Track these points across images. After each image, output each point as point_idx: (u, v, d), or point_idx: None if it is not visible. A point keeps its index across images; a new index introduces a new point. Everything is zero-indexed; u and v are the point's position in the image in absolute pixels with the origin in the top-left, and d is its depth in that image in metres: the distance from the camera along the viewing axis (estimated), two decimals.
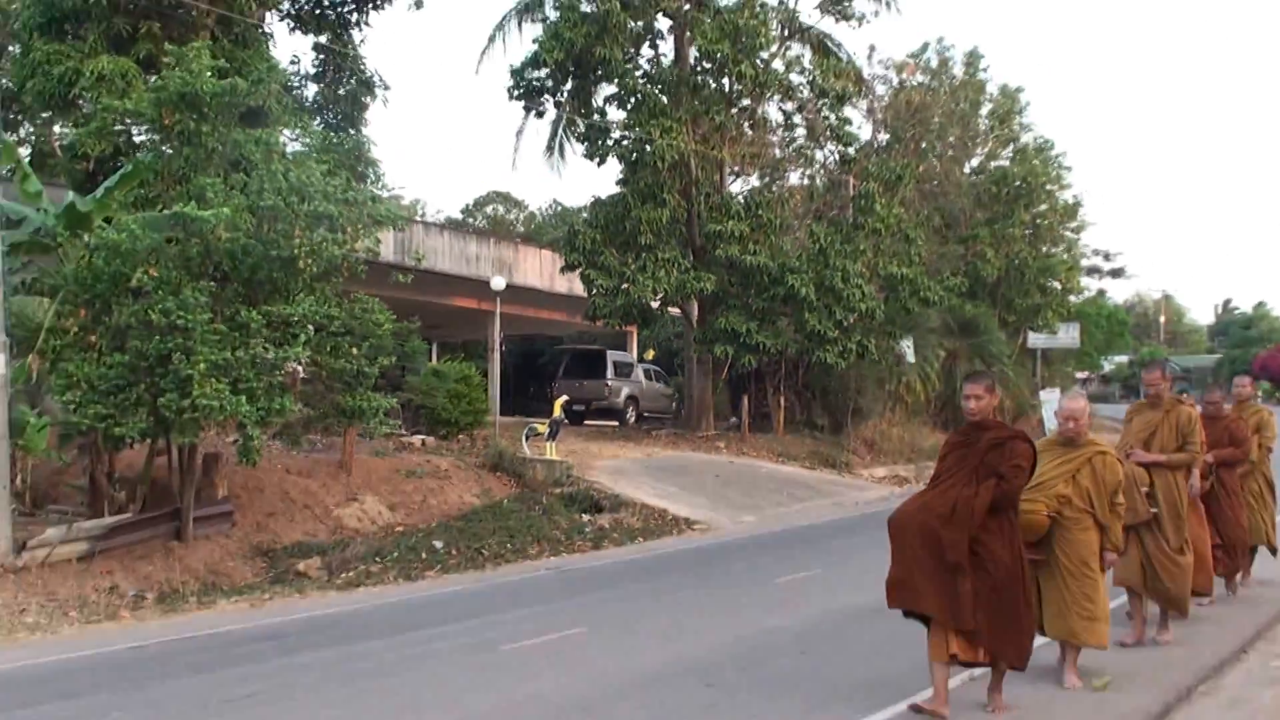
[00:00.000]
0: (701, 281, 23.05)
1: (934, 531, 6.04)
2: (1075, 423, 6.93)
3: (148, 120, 13.67)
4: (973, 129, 36.17)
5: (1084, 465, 6.83)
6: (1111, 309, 51.74)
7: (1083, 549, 6.76)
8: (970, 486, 6.07)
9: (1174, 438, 8.20)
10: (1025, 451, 6.12)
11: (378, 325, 13.77)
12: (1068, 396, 7.19)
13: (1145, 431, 8.33)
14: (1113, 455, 6.94)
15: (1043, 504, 6.73)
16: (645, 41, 24.98)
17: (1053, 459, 6.90)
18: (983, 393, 6.26)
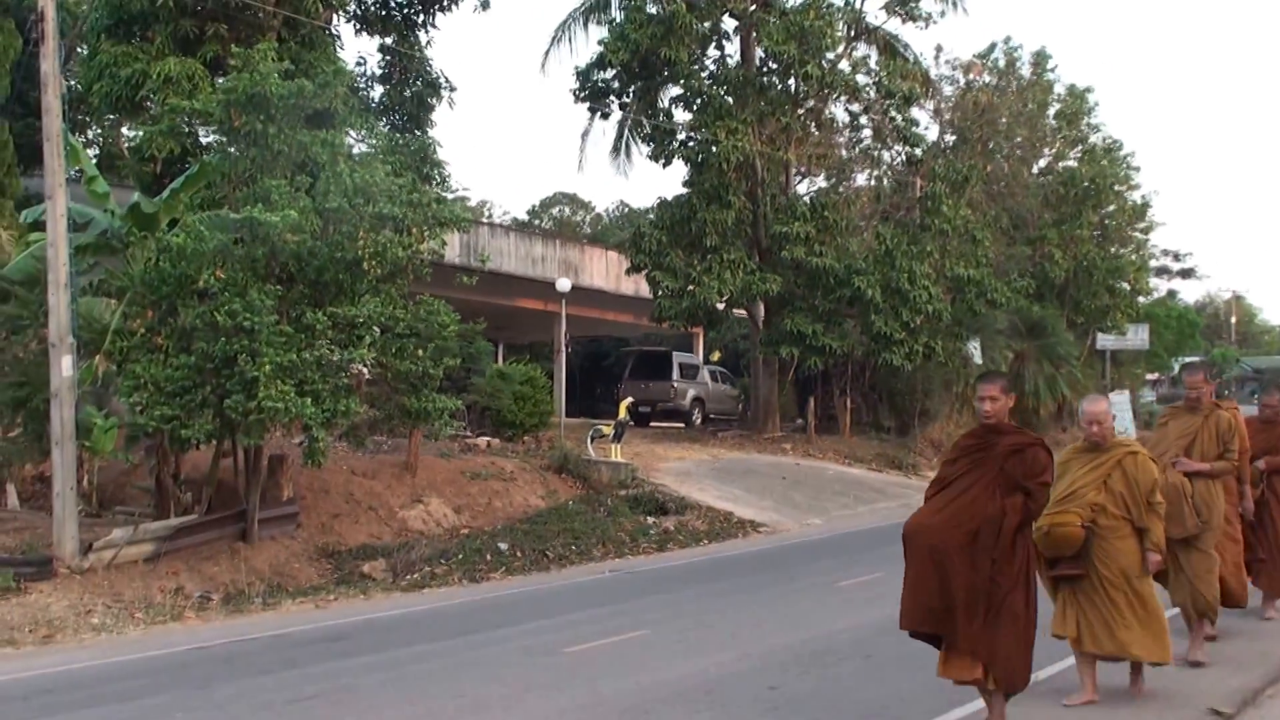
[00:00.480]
0: (767, 283, 22.83)
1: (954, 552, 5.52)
2: (1099, 426, 6.43)
3: (216, 121, 13.74)
4: (1040, 130, 35.47)
5: (1114, 469, 6.33)
6: (1182, 310, 50.47)
7: (1122, 558, 6.26)
8: (993, 499, 5.55)
9: (1214, 444, 7.62)
10: (1049, 464, 5.65)
11: (443, 327, 13.71)
12: (1087, 399, 6.67)
13: (1184, 438, 7.74)
14: (1144, 454, 6.43)
15: (1076, 514, 6.25)
16: (711, 43, 24.81)
17: (1081, 466, 6.45)
18: (998, 394, 5.75)
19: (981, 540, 5.50)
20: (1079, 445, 6.57)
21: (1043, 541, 6.14)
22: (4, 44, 19.39)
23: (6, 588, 10.98)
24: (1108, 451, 6.38)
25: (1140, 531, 6.27)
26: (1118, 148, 36.45)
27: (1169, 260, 47.03)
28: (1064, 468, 6.36)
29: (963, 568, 5.48)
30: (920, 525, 5.69)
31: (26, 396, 13.06)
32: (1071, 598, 6.37)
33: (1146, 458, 6.38)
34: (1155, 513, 6.26)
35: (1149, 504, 6.24)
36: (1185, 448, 7.66)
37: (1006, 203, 33.12)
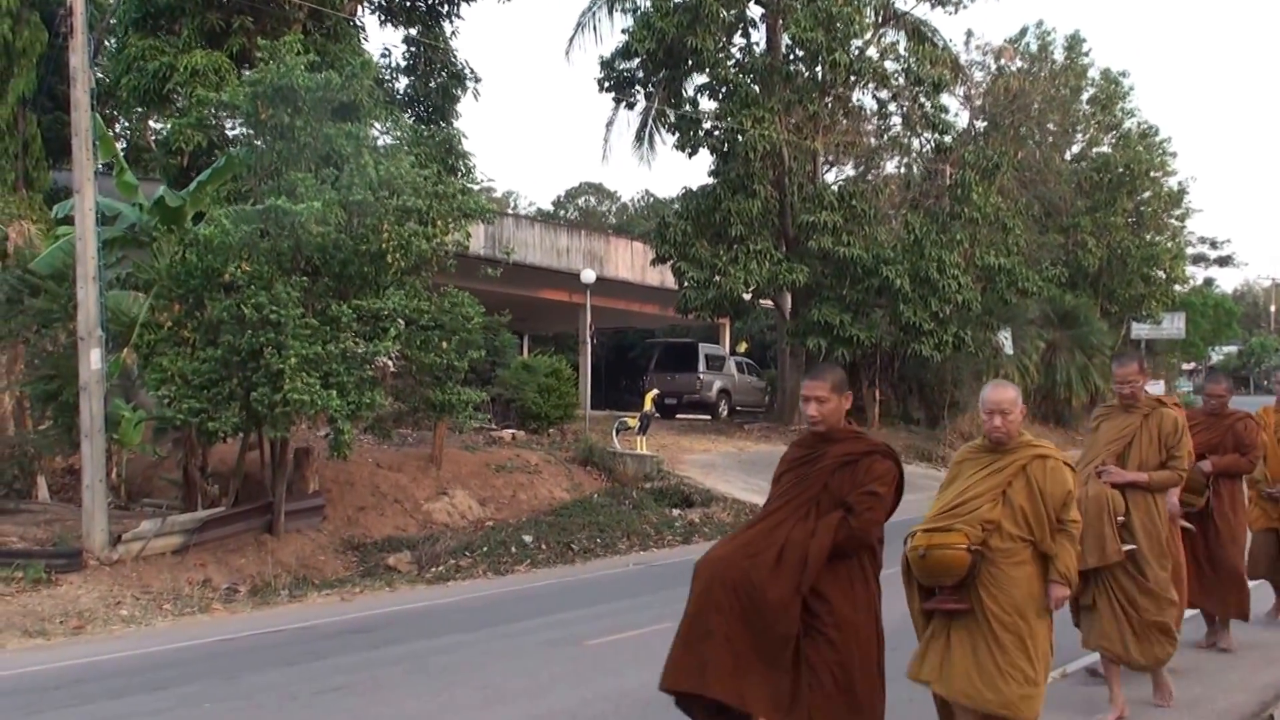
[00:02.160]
0: (794, 273, 22.68)
1: (753, 588, 4.26)
2: (1002, 418, 4.96)
3: (243, 114, 13.77)
4: (1073, 115, 35.09)
5: (1017, 476, 4.92)
6: (1219, 298, 50.01)
7: (1017, 591, 4.81)
8: (807, 521, 4.37)
9: (1155, 450, 6.27)
10: (885, 472, 4.42)
11: (467, 319, 13.68)
12: (990, 385, 5.15)
13: (1118, 442, 6.37)
14: (1057, 458, 4.99)
15: (961, 533, 4.82)
16: (737, 30, 24.65)
17: (976, 471, 5.04)
18: (826, 393, 4.53)
19: (786, 564, 4.29)
20: (977, 444, 5.20)
21: (918, 566, 4.91)
22: (31, 38, 19.52)
23: (38, 579, 11.09)
24: (1011, 454, 4.97)
25: (1044, 557, 4.90)
26: (1153, 133, 36.04)
27: (1206, 247, 46.50)
28: (956, 471, 5.14)
29: (779, 596, 4.25)
30: (718, 555, 4.46)
31: (56, 390, 13.16)
32: (943, 635, 4.98)
33: (1060, 464, 4.95)
34: (1066, 534, 4.89)
35: (1058, 522, 4.86)
36: (1118, 454, 6.34)
37: (1038, 190, 32.78)
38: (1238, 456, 7.53)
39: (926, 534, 4.88)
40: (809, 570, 4.27)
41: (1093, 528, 5.93)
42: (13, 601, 10.62)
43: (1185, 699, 6.51)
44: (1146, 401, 6.44)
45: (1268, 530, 8.49)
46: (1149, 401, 6.45)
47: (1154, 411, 6.37)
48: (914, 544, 4.88)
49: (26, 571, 11.15)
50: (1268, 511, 8.45)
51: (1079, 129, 36.03)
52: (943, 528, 4.89)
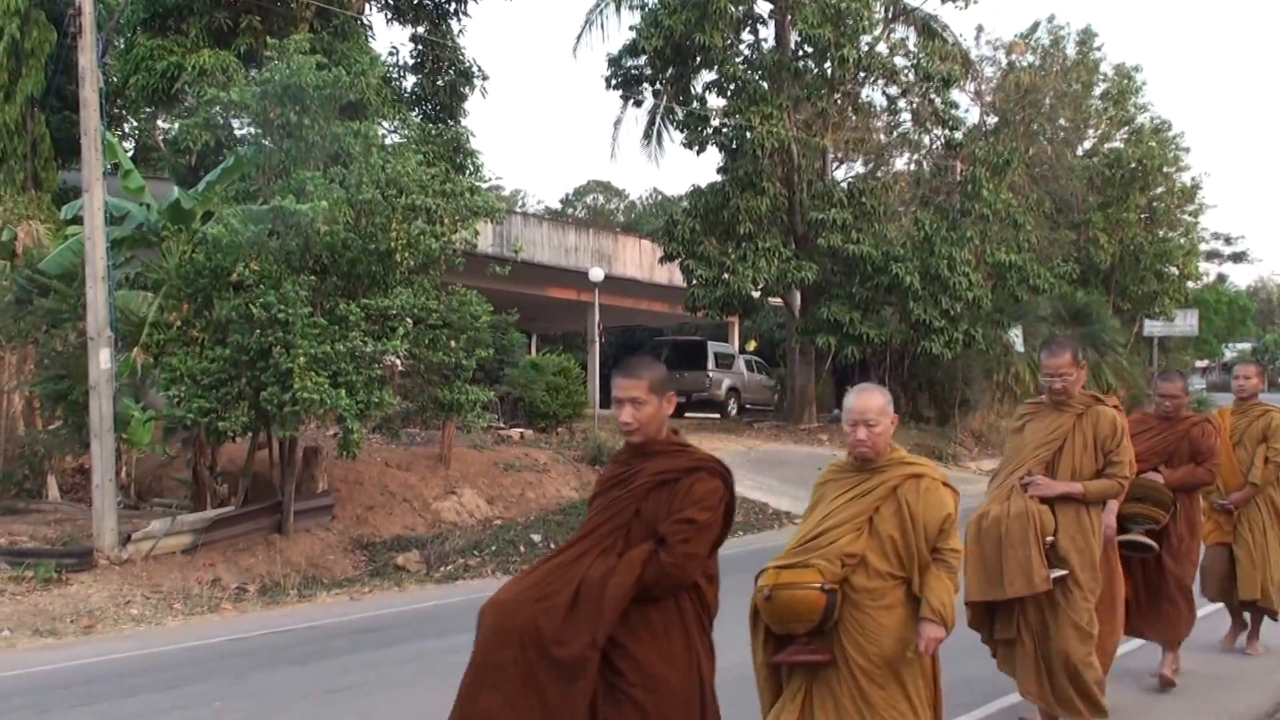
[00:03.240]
0: (803, 271, 22.62)
1: (543, 641, 3.43)
2: (866, 430, 4.15)
3: (251, 113, 13.78)
4: (1085, 110, 34.93)
5: (885, 500, 4.14)
6: (1233, 295, 49.76)
7: (887, 639, 4.03)
8: (609, 556, 3.57)
9: (1091, 455, 5.42)
10: (708, 494, 3.58)
11: (476, 318, 13.67)
12: (854, 390, 4.30)
13: (1047, 447, 5.50)
14: (934, 477, 4.18)
15: (815, 570, 4.03)
16: (745, 27, 24.58)
17: (838, 494, 4.25)
18: (643, 393, 3.68)
19: (582, 609, 3.46)
20: (842, 462, 4.38)
21: (765, 610, 4.13)
22: (40, 38, 19.56)
23: (48, 579, 11.11)
24: (879, 473, 4.18)
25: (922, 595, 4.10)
26: (1166, 128, 35.83)
27: (1219, 244, 46.27)
28: (819, 494, 4.36)
29: (573, 652, 3.43)
30: (492, 601, 3.60)
31: (66, 389, 13.19)
32: (801, 694, 4.19)
33: (936, 483, 4.16)
34: (944, 565, 4.07)
35: (934, 553, 4.08)
36: (1047, 461, 5.50)
37: (1050, 186, 32.68)
38: (1193, 467, 6.57)
39: (775, 571, 4.11)
40: (604, 618, 3.43)
41: (1017, 551, 5.20)
42: (24, 601, 10.65)
43: (1198, 698, 6.49)
44: (1081, 398, 5.52)
45: (1220, 545, 7.53)
46: (1083, 398, 5.53)
47: (1089, 410, 5.48)
48: (760, 583, 4.12)
49: (37, 571, 11.18)
50: (1220, 525, 7.52)
51: (1091, 124, 35.87)
52: (795, 563, 4.08)
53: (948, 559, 4.09)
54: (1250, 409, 7.56)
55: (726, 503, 3.66)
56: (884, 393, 4.28)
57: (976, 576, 5.40)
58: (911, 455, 4.28)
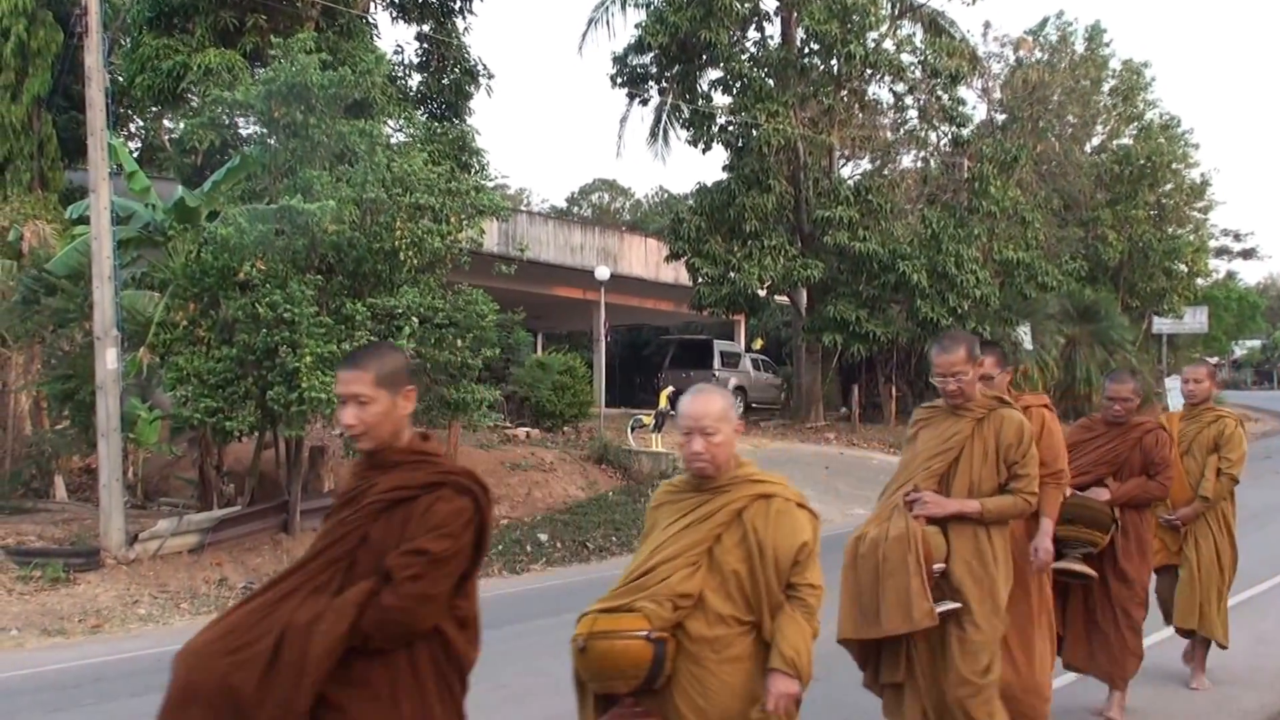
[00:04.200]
0: (809, 269, 22.58)
1: (238, 703, 2.73)
2: (704, 440, 3.38)
3: (257, 113, 13.77)
4: (1094, 107, 34.82)
5: (728, 527, 3.36)
6: (1242, 291, 49.54)
7: (732, 700, 3.28)
8: (321, 595, 2.83)
9: (992, 468, 4.56)
10: (449, 518, 2.83)
11: (481, 317, 13.65)
12: (691, 393, 3.51)
13: (940, 457, 4.65)
14: (786, 497, 3.42)
15: (641, 616, 3.25)
16: (751, 24, 24.56)
17: (673, 520, 3.44)
18: (369, 389, 2.95)
19: (280, 675, 2.73)
20: (678, 480, 3.58)
21: (580, 663, 3.35)
22: (46, 38, 19.60)
23: (56, 578, 11.12)
24: (721, 493, 3.40)
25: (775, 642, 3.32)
26: (1175, 124, 35.72)
27: (1229, 240, 46.01)
28: (653, 519, 3.54)
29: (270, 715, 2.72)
30: (185, 650, 2.88)
31: (73, 389, 13.20)
32: None
33: (790, 505, 3.39)
34: (800, 604, 3.31)
35: (788, 589, 3.32)
36: (939, 474, 4.63)
37: (1058, 183, 32.60)
38: (1145, 480, 5.81)
39: (593, 616, 3.31)
40: (305, 679, 2.71)
41: (894, 579, 4.32)
42: (31, 600, 10.66)
43: (1212, 697, 6.45)
44: (982, 401, 4.68)
45: (1166, 568, 6.68)
46: (985, 401, 4.69)
47: (991, 414, 4.62)
48: (576, 630, 3.31)
49: (45, 570, 11.19)
50: (1167, 544, 6.64)
51: (1099, 121, 35.76)
52: (617, 607, 3.29)
53: (804, 597, 3.31)
54: (1201, 415, 6.72)
55: (477, 527, 2.87)
56: (724, 395, 3.49)
57: (850, 610, 4.50)
58: (761, 471, 3.47)
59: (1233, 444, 6.56)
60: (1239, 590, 9.67)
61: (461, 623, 2.92)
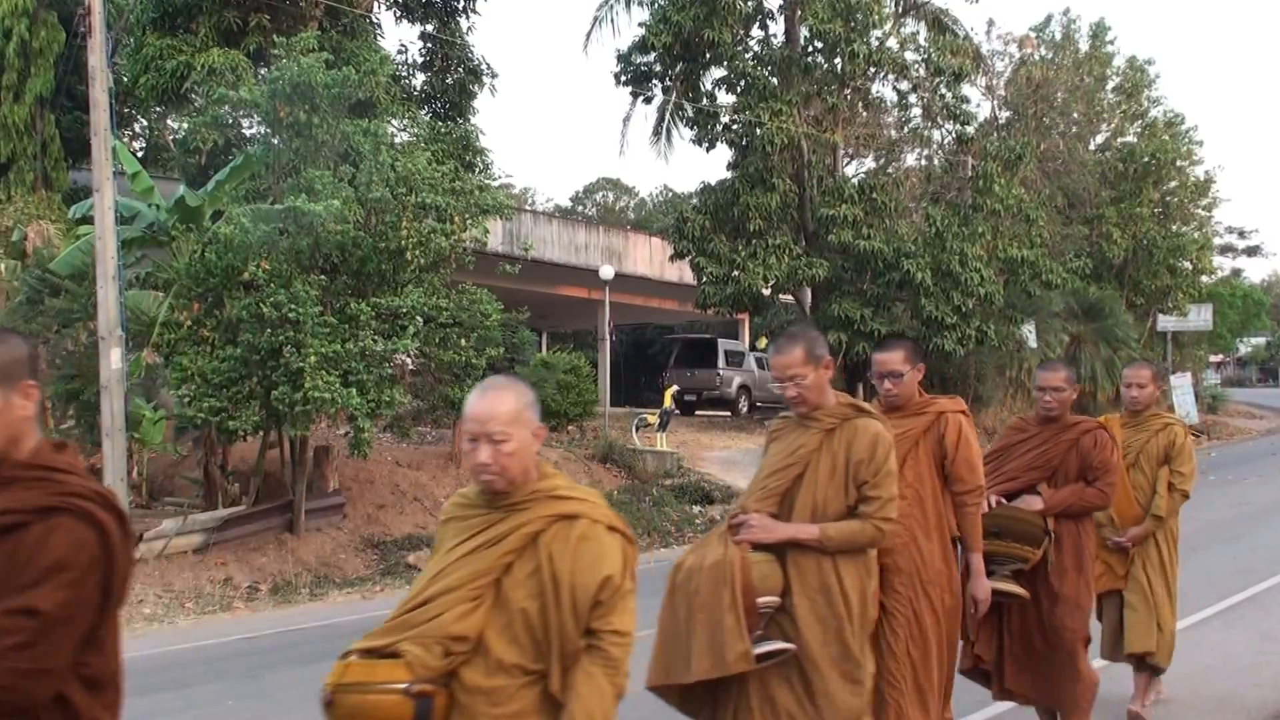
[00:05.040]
0: (814, 268, 22.53)
1: None
2: (492, 450, 2.71)
3: (261, 112, 13.79)
4: (1098, 104, 34.72)
5: (521, 555, 2.71)
6: (1247, 289, 49.42)
7: None
8: None
9: (840, 487, 3.82)
10: (66, 558, 2.14)
11: (486, 316, 13.66)
12: (478, 391, 2.81)
13: (784, 474, 3.91)
14: (593, 519, 2.73)
15: (404, 665, 2.59)
16: (755, 22, 24.48)
17: (459, 543, 2.77)
18: None
19: None
20: (470, 493, 2.87)
21: None
22: (49, 38, 19.63)
23: None
24: (517, 512, 2.74)
25: None
26: (1179, 121, 35.58)
27: (1234, 238, 45.94)
28: (440, 537, 2.89)
29: None
30: None
31: (78, 389, 13.21)
32: None
33: (598, 528, 2.72)
34: (600, 656, 2.65)
35: (589, 636, 2.66)
36: (781, 493, 3.89)
37: (1062, 181, 32.51)
38: (1082, 486, 5.08)
39: (346, 663, 2.65)
40: None
41: (705, 615, 3.61)
42: None
43: (1214, 694, 6.42)
44: (835, 409, 3.94)
45: (1111, 593, 5.99)
46: (839, 409, 3.94)
47: (844, 425, 3.89)
48: (326, 680, 2.64)
49: None
50: (1112, 566, 5.94)
51: (1104, 119, 35.66)
52: (378, 648, 2.64)
53: (606, 647, 2.63)
54: (1147, 422, 6.00)
55: (104, 567, 2.19)
56: (520, 391, 2.80)
57: (659, 651, 3.78)
58: (570, 485, 2.82)
59: (1184, 456, 5.91)
60: (1245, 587, 9.65)
61: (91, 683, 2.23)
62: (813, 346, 3.98)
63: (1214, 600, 9.04)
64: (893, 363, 4.54)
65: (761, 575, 3.70)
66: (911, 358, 4.51)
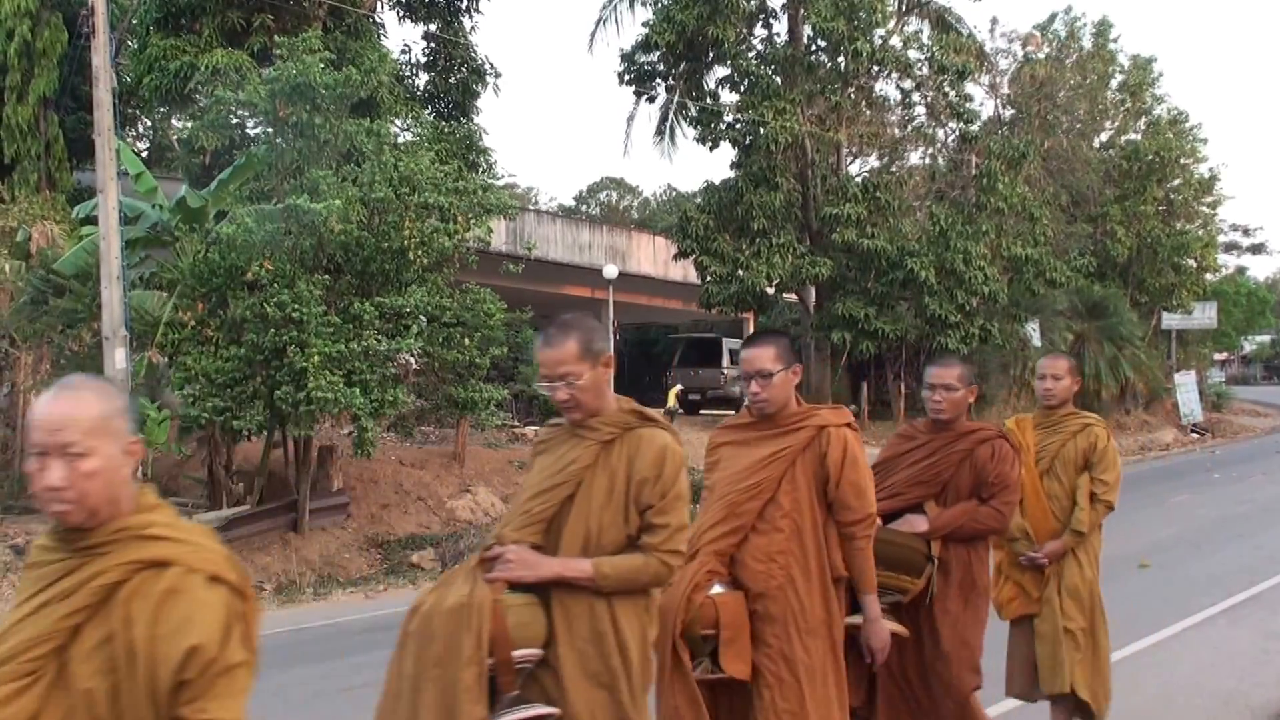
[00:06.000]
0: (818, 267, 22.54)
1: None
2: (71, 469, 2.03)
3: (262, 112, 13.80)
4: (1101, 102, 34.69)
5: (95, 616, 2.02)
6: (1252, 287, 49.34)
7: None
8: None
9: (619, 512, 3.06)
10: None
11: (489, 315, 13.66)
12: (51, 391, 2.12)
13: (545, 497, 3.14)
14: (192, 567, 2.06)
15: None
16: (758, 21, 24.52)
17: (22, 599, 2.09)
18: None
19: None
20: (50, 534, 2.16)
21: None
22: (52, 38, 19.65)
23: None
24: (98, 557, 2.07)
25: None
26: (1183, 119, 35.56)
27: (1238, 235, 45.83)
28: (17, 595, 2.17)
29: None
30: None
31: None
32: None
33: (197, 579, 2.06)
34: None
35: None
36: (545, 520, 3.11)
37: (1066, 179, 32.49)
38: (975, 505, 4.33)
39: None
40: None
41: (440, 670, 2.86)
42: None
43: (1218, 693, 6.41)
44: (614, 417, 3.12)
45: (1024, 620, 5.16)
46: (620, 416, 3.13)
47: (626, 436, 3.10)
48: None
49: None
50: (1025, 588, 5.13)
51: (1107, 116, 35.62)
52: None
53: None
54: (1063, 422, 5.22)
55: None
56: (105, 395, 2.15)
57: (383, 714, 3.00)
58: (169, 521, 2.18)
59: (1107, 461, 5.11)
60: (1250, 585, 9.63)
61: None
62: (589, 339, 3.12)
63: (1219, 598, 9.03)
64: (761, 360, 3.70)
65: (520, 622, 2.91)
66: (784, 355, 3.73)
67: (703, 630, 3.51)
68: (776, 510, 3.65)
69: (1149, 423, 31.84)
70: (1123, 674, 6.52)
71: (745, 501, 3.71)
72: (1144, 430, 30.80)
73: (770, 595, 3.61)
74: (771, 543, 3.63)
